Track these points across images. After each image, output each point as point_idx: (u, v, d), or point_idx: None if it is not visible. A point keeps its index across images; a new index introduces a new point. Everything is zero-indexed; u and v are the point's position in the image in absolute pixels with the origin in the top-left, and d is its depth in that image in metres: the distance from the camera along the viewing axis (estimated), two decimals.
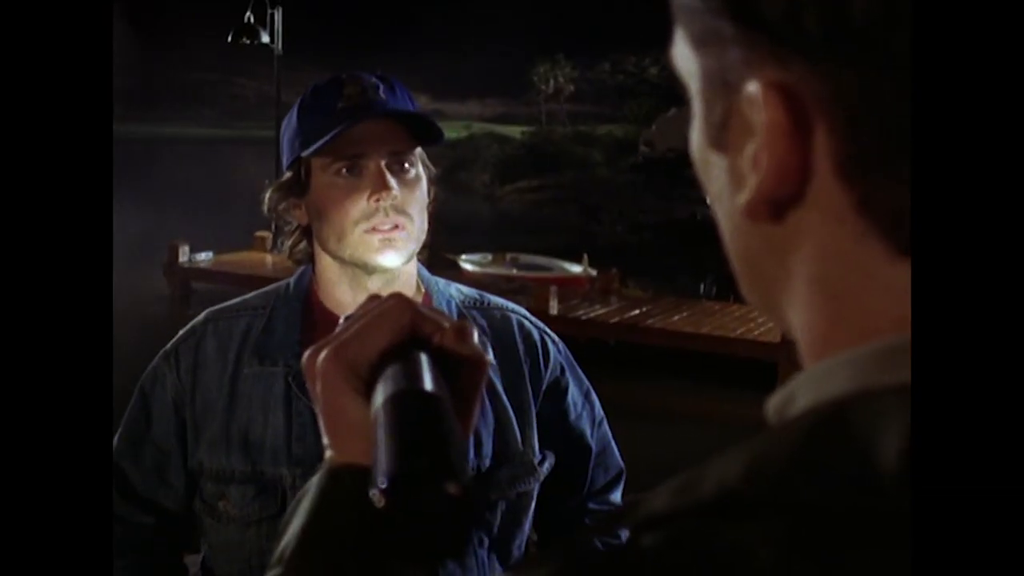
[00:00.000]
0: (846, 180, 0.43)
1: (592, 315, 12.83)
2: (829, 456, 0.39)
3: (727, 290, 17.54)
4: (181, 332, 1.65)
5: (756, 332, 12.20)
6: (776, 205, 0.46)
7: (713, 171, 0.50)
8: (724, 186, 0.49)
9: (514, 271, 15.53)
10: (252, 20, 15.96)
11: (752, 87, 0.45)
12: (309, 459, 1.52)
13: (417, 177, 1.54)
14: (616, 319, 12.84)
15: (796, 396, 0.46)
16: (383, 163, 1.50)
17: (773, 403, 0.48)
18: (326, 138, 1.48)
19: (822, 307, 0.46)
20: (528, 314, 1.71)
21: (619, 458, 1.76)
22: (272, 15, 16.38)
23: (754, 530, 0.38)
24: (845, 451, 0.39)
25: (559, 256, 17.05)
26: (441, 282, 1.68)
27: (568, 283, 14.61)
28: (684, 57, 0.50)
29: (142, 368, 1.64)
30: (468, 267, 14.84)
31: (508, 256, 16.76)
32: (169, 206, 23.83)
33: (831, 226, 0.44)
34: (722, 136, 0.48)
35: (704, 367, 11.63)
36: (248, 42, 16.04)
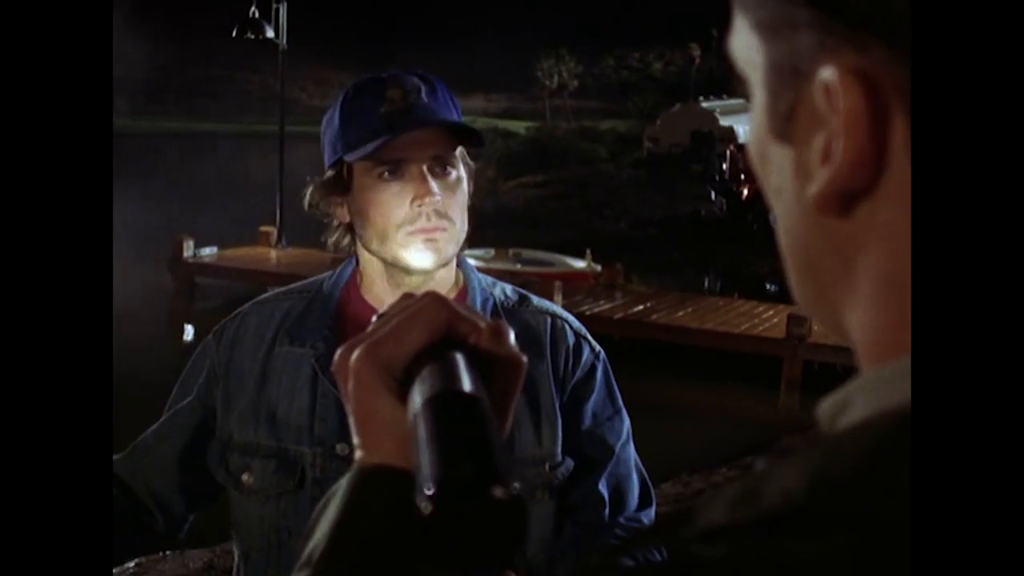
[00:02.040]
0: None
1: (596, 311, 12.83)
2: (897, 471, 0.38)
3: (731, 286, 17.55)
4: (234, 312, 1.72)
5: (760, 328, 12.20)
6: (848, 198, 0.44)
7: (774, 164, 0.49)
8: (787, 179, 0.48)
9: (518, 266, 15.52)
10: (257, 15, 15.97)
11: (828, 73, 0.43)
12: (330, 439, 1.56)
13: (458, 179, 1.56)
14: (620, 315, 12.84)
15: (852, 402, 0.45)
16: (425, 167, 1.52)
17: (826, 407, 0.46)
18: (370, 147, 1.50)
19: (889, 306, 0.44)
20: (570, 318, 1.70)
21: (648, 479, 1.70)
22: (277, 10, 16.38)
23: (821, 545, 0.37)
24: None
25: (563, 251, 17.06)
26: (486, 280, 1.69)
27: (572, 279, 14.62)
28: (746, 46, 0.49)
29: (148, 360, 1.67)
30: (471, 262, 14.79)
31: (511, 251, 16.75)
32: (173, 201, 23.83)
33: (904, 220, 0.42)
34: (788, 127, 0.46)
35: (708, 362, 11.63)
36: (253, 37, 16.06)
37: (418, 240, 1.52)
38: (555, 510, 1.61)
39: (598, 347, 1.69)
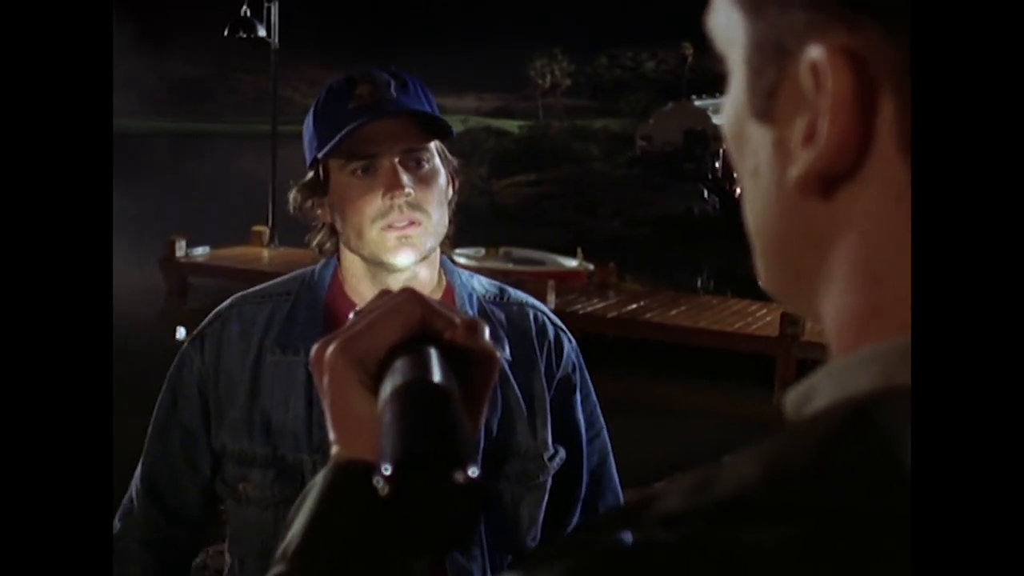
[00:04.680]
0: (909, 157, 0.40)
1: (589, 310, 12.84)
2: (852, 458, 0.38)
3: (724, 285, 17.57)
4: (208, 317, 1.68)
5: (754, 327, 12.21)
6: (830, 180, 0.43)
7: (751, 144, 0.47)
8: (765, 161, 0.46)
9: (510, 265, 15.52)
10: (248, 14, 15.94)
11: (816, 52, 0.41)
12: (329, 445, 1.53)
13: (433, 172, 1.55)
14: (614, 314, 12.84)
15: (816, 391, 0.44)
16: (396, 161, 1.52)
17: (792, 397, 0.46)
18: (335, 139, 1.50)
19: (864, 292, 0.43)
20: (546, 309, 1.72)
21: (617, 482, 1.76)
22: (268, 9, 16.36)
23: (774, 534, 0.36)
24: (869, 453, 0.37)
25: (556, 251, 17.07)
26: (464, 274, 1.69)
27: (566, 278, 14.63)
28: (728, 23, 0.47)
29: (140, 361, 1.66)
30: (462, 261, 14.77)
31: (501, 250, 16.76)
32: (166, 200, 23.82)
33: (886, 206, 0.42)
34: (769, 106, 0.45)
35: (702, 361, 11.64)
36: (245, 36, 16.03)
37: (392, 236, 1.51)
38: (544, 501, 1.63)
39: (571, 336, 1.72)
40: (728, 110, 0.49)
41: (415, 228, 1.52)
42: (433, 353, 0.62)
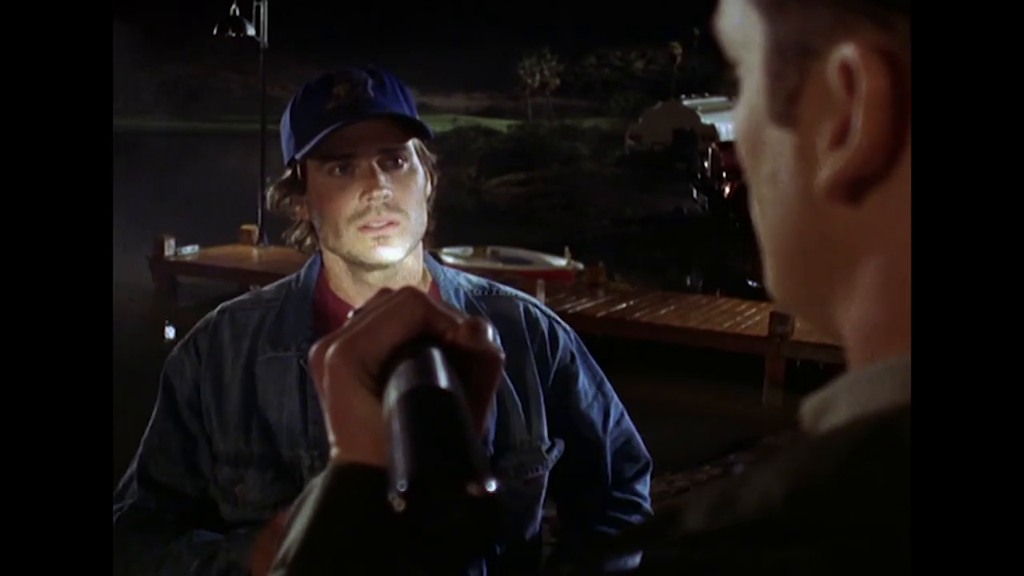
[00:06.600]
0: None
1: (579, 309, 12.84)
2: (879, 475, 0.36)
3: (713, 284, 17.60)
4: (198, 323, 1.67)
5: (743, 326, 12.22)
6: (859, 184, 0.41)
7: (769, 149, 0.46)
8: (785, 166, 0.45)
9: (499, 265, 15.51)
10: (237, 12, 15.91)
11: (848, 52, 0.40)
12: (326, 441, 1.51)
13: (411, 171, 1.55)
14: (603, 313, 12.85)
15: (837, 402, 0.43)
16: (374, 161, 1.52)
17: (808, 408, 0.44)
18: (313, 142, 1.50)
19: (888, 301, 0.42)
20: (538, 302, 1.73)
21: (645, 450, 1.79)
22: (258, 7, 16.32)
23: (799, 553, 0.35)
24: (896, 470, 0.36)
25: (545, 250, 17.05)
26: (449, 271, 1.70)
27: (555, 277, 14.62)
28: (741, 24, 0.46)
29: (129, 361, 1.64)
30: (449, 260, 14.80)
31: (489, 249, 16.75)
32: (154, 200, 23.74)
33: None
34: (791, 109, 0.43)
35: (691, 360, 11.65)
36: (233, 35, 15.99)
37: (368, 237, 1.52)
38: (542, 495, 1.63)
39: (568, 327, 1.73)
40: (742, 114, 0.47)
41: (393, 228, 1.52)
42: (437, 355, 0.61)
